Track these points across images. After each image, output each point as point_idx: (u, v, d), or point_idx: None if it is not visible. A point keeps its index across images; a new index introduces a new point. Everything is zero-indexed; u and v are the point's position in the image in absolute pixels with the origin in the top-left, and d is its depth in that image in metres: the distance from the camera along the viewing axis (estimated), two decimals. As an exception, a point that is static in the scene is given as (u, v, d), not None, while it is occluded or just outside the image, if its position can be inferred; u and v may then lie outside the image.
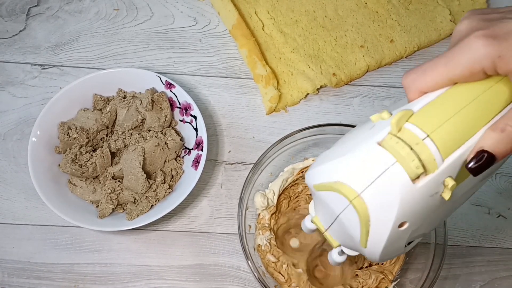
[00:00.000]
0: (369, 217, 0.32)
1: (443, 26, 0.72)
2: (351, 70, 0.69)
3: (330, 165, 0.34)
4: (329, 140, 0.60)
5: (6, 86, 0.67)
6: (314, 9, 0.72)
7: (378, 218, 0.32)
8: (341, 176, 0.33)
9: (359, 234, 0.34)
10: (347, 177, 0.33)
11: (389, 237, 0.33)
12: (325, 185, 0.34)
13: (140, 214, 0.57)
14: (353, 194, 0.32)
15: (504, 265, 0.62)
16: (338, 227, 0.36)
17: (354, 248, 0.37)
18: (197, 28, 0.72)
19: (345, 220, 0.34)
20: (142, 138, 0.61)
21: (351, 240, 0.36)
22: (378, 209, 0.32)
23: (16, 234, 0.60)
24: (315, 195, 0.37)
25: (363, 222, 0.33)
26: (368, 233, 0.33)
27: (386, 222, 0.32)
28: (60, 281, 0.59)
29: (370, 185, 0.32)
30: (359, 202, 0.32)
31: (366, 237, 0.33)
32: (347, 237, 0.36)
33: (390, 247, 0.34)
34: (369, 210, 0.32)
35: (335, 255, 0.44)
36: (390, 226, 0.32)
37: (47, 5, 0.72)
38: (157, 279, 0.59)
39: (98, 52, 0.70)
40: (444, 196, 0.32)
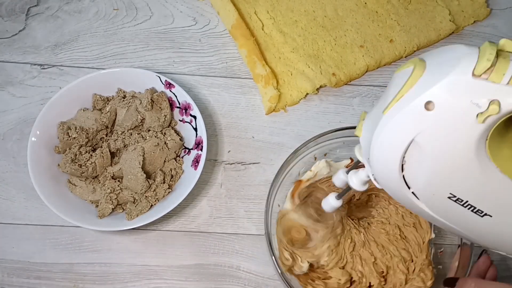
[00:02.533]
0: (414, 84, 0.33)
1: (443, 26, 0.72)
2: (350, 70, 0.69)
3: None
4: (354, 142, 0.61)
5: (6, 86, 0.67)
6: (314, 9, 0.72)
7: (419, 87, 0.32)
8: (425, 55, 0.34)
9: (391, 100, 0.34)
10: (429, 55, 0.34)
11: (410, 110, 0.32)
12: (406, 64, 0.35)
13: (139, 214, 0.57)
14: (420, 64, 0.33)
15: (504, 265, 0.62)
16: (379, 103, 0.36)
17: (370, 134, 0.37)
18: (196, 28, 0.72)
19: (392, 88, 0.34)
20: (142, 138, 0.61)
21: (376, 117, 0.35)
22: (425, 81, 0.32)
23: (16, 234, 0.60)
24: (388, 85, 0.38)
25: (406, 86, 0.33)
26: (399, 98, 0.33)
27: (420, 92, 0.32)
28: (60, 281, 0.59)
29: (438, 63, 0.32)
30: (419, 70, 0.33)
31: (395, 102, 0.33)
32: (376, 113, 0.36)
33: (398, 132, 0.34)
34: (420, 78, 0.32)
35: (333, 201, 0.47)
36: (420, 97, 0.32)
37: (46, 5, 0.72)
38: (157, 279, 0.59)
39: (98, 52, 0.70)
40: (480, 117, 0.31)
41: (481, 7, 0.74)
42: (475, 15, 0.74)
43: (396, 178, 0.36)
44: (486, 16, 0.75)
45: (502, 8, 0.76)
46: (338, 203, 0.48)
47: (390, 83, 0.37)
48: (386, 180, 0.37)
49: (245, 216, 0.62)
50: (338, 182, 0.47)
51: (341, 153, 0.62)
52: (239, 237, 0.61)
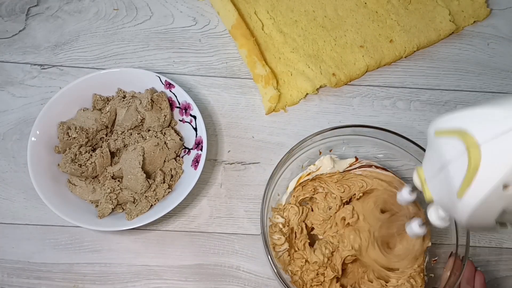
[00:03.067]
0: (478, 169, 0.33)
1: (443, 26, 0.72)
2: (350, 70, 0.69)
3: (462, 114, 0.35)
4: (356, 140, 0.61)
5: (6, 86, 0.67)
6: (314, 9, 0.72)
7: (486, 172, 0.33)
8: (469, 125, 0.34)
9: (460, 184, 0.34)
10: (475, 127, 0.33)
11: (489, 193, 0.33)
12: (447, 131, 0.35)
13: (139, 214, 0.57)
14: (473, 142, 0.33)
15: (504, 265, 0.62)
16: (442, 176, 0.37)
17: (447, 203, 0.37)
18: (196, 28, 0.72)
19: (454, 168, 0.35)
20: (142, 138, 0.61)
21: (448, 192, 0.36)
22: (490, 163, 0.32)
23: (16, 234, 0.60)
24: (430, 142, 0.38)
25: (471, 171, 0.33)
26: (469, 184, 0.33)
27: (492, 178, 0.33)
28: (60, 281, 0.59)
29: (492, 139, 0.32)
30: (475, 152, 0.33)
31: (466, 187, 0.34)
32: (446, 188, 0.36)
33: (483, 208, 0.34)
34: (482, 162, 0.32)
35: (415, 227, 0.47)
36: (494, 183, 0.32)
37: (46, 5, 0.72)
38: (157, 279, 0.59)
39: (98, 52, 0.70)
40: None
41: (481, 7, 0.74)
42: (475, 15, 0.74)
43: (490, 227, 0.38)
44: (486, 16, 0.75)
45: (502, 8, 0.76)
46: (421, 231, 0.49)
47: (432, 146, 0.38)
48: (477, 229, 0.40)
49: (245, 216, 0.62)
50: (402, 200, 0.49)
51: (347, 150, 0.63)
52: (239, 237, 0.61)
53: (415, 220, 0.49)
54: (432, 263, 0.58)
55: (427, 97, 0.70)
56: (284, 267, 0.56)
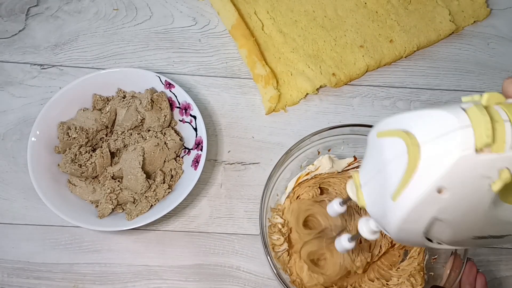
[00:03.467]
0: (416, 168, 0.32)
1: (443, 26, 0.72)
2: (350, 70, 0.69)
3: (404, 116, 0.35)
4: (353, 140, 0.61)
5: (6, 86, 0.67)
6: (314, 9, 0.72)
7: (424, 173, 0.32)
8: (411, 125, 0.34)
9: (397, 185, 0.34)
10: (414, 126, 0.33)
11: (422, 197, 0.33)
12: (389, 132, 0.35)
13: (139, 214, 0.57)
14: (413, 141, 0.33)
15: (504, 265, 0.62)
16: (378, 178, 0.36)
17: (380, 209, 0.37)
18: (196, 28, 0.72)
19: (392, 169, 0.34)
20: (142, 138, 0.61)
21: (382, 196, 0.36)
22: (428, 164, 0.32)
23: (16, 234, 0.60)
24: (370, 146, 0.38)
25: (409, 171, 0.33)
26: (406, 185, 0.33)
27: (428, 179, 0.32)
28: (60, 281, 0.59)
29: (433, 140, 0.32)
30: (415, 150, 0.32)
31: (402, 188, 0.33)
32: (381, 191, 0.36)
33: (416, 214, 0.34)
34: (420, 162, 0.32)
35: (345, 241, 0.47)
36: (430, 184, 0.32)
37: (46, 5, 0.72)
38: (157, 279, 0.59)
39: (98, 52, 0.70)
40: (493, 186, 0.31)
41: (481, 7, 0.74)
42: (475, 15, 0.74)
43: (418, 241, 0.37)
44: (486, 16, 0.75)
45: (502, 8, 0.76)
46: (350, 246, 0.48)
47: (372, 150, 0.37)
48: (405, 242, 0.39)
49: (245, 216, 0.62)
50: (332, 211, 0.48)
51: (345, 150, 0.63)
52: (239, 237, 0.61)
53: (344, 235, 0.48)
54: (432, 262, 0.58)
55: (427, 97, 0.70)
56: (283, 267, 0.56)
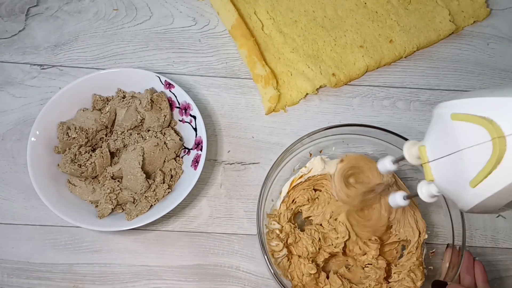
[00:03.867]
0: (502, 160, 0.32)
1: (443, 26, 0.72)
2: (350, 70, 0.69)
3: (484, 100, 0.34)
4: (352, 140, 0.61)
5: (5, 86, 0.67)
6: (314, 9, 0.72)
7: (508, 166, 0.32)
8: (493, 113, 0.33)
9: (477, 173, 0.33)
10: (502, 116, 0.33)
11: (504, 188, 0.33)
12: (469, 117, 0.34)
13: (139, 214, 0.57)
14: (499, 132, 0.32)
15: (503, 265, 0.62)
16: (452, 160, 0.36)
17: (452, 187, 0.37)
18: (196, 28, 0.72)
19: (470, 155, 0.34)
20: (142, 138, 0.61)
21: (457, 177, 0.35)
22: None
23: (15, 234, 0.60)
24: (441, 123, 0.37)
25: (493, 162, 0.32)
26: (488, 174, 0.33)
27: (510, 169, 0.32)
28: (60, 281, 0.59)
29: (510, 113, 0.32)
30: (501, 142, 0.32)
31: (484, 178, 0.33)
32: (455, 173, 0.35)
33: (494, 199, 0.34)
34: (507, 153, 0.32)
35: (399, 198, 0.47)
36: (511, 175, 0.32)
37: (46, 5, 0.72)
38: (157, 279, 0.59)
39: (97, 52, 0.70)
40: None
41: (481, 7, 0.74)
42: (475, 15, 0.74)
43: (490, 212, 0.39)
44: (486, 16, 0.75)
45: (502, 8, 0.76)
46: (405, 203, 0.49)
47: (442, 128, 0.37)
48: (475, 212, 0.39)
49: (244, 216, 0.62)
50: (382, 168, 0.49)
51: (337, 150, 0.63)
52: (239, 237, 0.61)
53: (399, 192, 0.49)
54: (430, 256, 0.58)
55: (427, 97, 0.70)
56: (284, 273, 0.56)
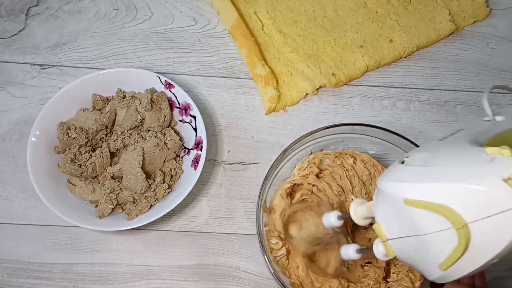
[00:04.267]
0: (468, 247, 0.32)
1: (443, 26, 0.72)
2: (350, 70, 0.69)
3: (437, 187, 0.34)
4: (352, 139, 0.61)
5: (5, 86, 0.67)
6: (314, 9, 0.72)
7: (477, 251, 0.32)
8: (451, 201, 0.33)
9: (445, 258, 0.33)
10: (459, 204, 0.32)
11: (477, 269, 0.33)
12: (425, 204, 0.34)
13: (139, 214, 0.57)
14: (461, 222, 0.32)
15: (503, 265, 0.62)
16: (414, 242, 0.36)
17: (418, 265, 0.37)
18: (196, 28, 0.72)
19: (434, 241, 0.34)
20: (142, 138, 0.61)
21: (423, 257, 0.35)
22: (481, 243, 0.32)
23: (16, 234, 0.60)
24: (392, 204, 0.37)
25: (460, 250, 0.32)
26: (457, 260, 0.33)
27: (483, 256, 0.32)
28: (60, 281, 0.59)
29: (483, 219, 0.32)
30: (465, 231, 0.32)
31: (452, 263, 0.33)
32: (421, 253, 0.35)
33: (463, 275, 0.34)
34: (472, 241, 0.32)
35: (352, 252, 0.47)
36: (486, 260, 0.32)
37: (46, 5, 0.72)
38: (157, 279, 0.59)
39: (98, 52, 0.70)
40: None
41: (481, 7, 0.74)
42: (475, 15, 0.74)
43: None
44: (486, 16, 0.75)
45: (502, 8, 0.76)
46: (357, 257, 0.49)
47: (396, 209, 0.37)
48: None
49: (244, 216, 0.62)
50: (326, 223, 0.49)
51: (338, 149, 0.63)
52: (239, 237, 0.61)
53: (352, 245, 0.48)
54: None
55: (426, 97, 0.70)
56: (283, 270, 0.56)
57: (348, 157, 0.61)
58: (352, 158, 0.61)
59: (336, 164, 0.60)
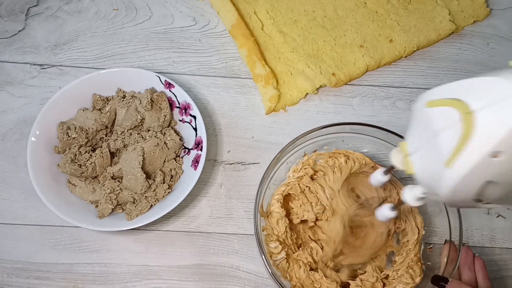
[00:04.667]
0: (471, 135, 0.33)
1: (442, 26, 0.72)
2: (350, 70, 0.69)
3: (451, 85, 0.35)
4: (352, 139, 0.62)
5: (5, 86, 0.67)
6: (314, 9, 0.72)
7: (479, 139, 0.32)
8: (461, 94, 0.34)
9: (450, 153, 0.34)
10: (468, 95, 0.33)
11: (478, 163, 0.33)
12: (440, 101, 0.35)
13: (139, 214, 0.57)
14: (467, 110, 0.33)
15: (503, 264, 0.62)
16: (429, 147, 0.36)
17: (431, 175, 0.37)
18: (196, 28, 0.72)
19: (444, 137, 0.35)
20: (142, 138, 0.61)
21: (434, 163, 0.36)
22: (483, 131, 0.32)
23: (16, 234, 0.60)
24: (419, 115, 0.38)
25: (464, 138, 0.33)
26: (460, 152, 0.33)
27: (484, 145, 0.32)
28: (60, 281, 0.59)
29: (488, 106, 0.32)
30: (469, 118, 0.33)
31: (457, 155, 0.33)
32: (433, 159, 0.36)
33: (470, 178, 0.34)
34: (475, 128, 0.32)
35: (387, 210, 0.48)
36: (486, 150, 0.32)
37: (46, 5, 0.72)
38: (157, 279, 0.59)
39: (97, 52, 0.70)
40: None
41: (481, 7, 0.74)
42: (475, 15, 0.74)
43: (467, 203, 0.37)
44: (486, 16, 0.75)
45: (502, 8, 0.76)
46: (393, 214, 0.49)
47: (419, 120, 0.37)
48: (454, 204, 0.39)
49: (244, 216, 0.62)
50: (375, 181, 0.50)
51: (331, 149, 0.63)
52: (239, 237, 0.61)
53: (386, 204, 0.50)
54: (428, 251, 0.59)
55: (427, 97, 0.70)
56: (283, 274, 0.56)
57: (341, 156, 0.61)
58: (345, 157, 0.61)
59: (328, 165, 0.61)
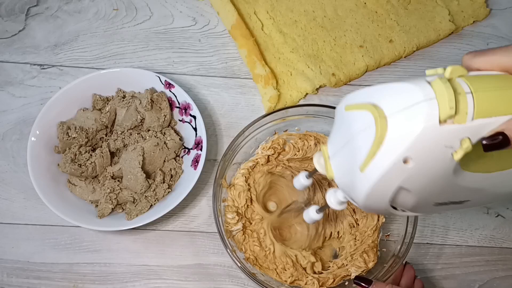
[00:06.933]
0: (384, 139, 0.33)
1: (442, 26, 0.72)
2: (350, 70, 0.69)
3: (371, 90, 0.36)
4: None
5: (5, 86, 0.67)
6: (313, 9, 0.72)
7: (391, 144, 0.33)
8: (378, 99, 0.35)
9: (365, 157, 0.35)
10: (383, 100, 0.34)
11: (389, 167, 0.34)
12: (358, 105, 0.36)
13: (139, 214, 0.57)
14: (380, 114, 0.34)
15: (503, 264, 0.62)
16: (347, 150, 0.37)
17: (348, 178, 0.38)
18: (196, 28, 0.72)
19: (360, 140, 0.35)
20: (142, 138, 0.61)
21: (350, 166, 0.36)
22: (395, 135, 0.33)
23: (15, 234, 0.60)
24: (339, 119, 0.39)
25: (377, 143, 0.34)
26: (373, 155, 0.34)
27: (395, 150, 0.33)
28: (59, 281, 0.59)
29: (399, 112, 0.33)
30: (383, 123, 0.33)
31: (370, 160, 0.34)
32: (349, 163, 0.37)
33: (383, 183, 0.35)
34: (388, 133, 0.33)
35: (313, 212, 0.49)
36: (396, 155, 0.33)
37: (46, 5, 0.72)
38: (156, 279, 0.59)
39: (97, 52, 0.70)
40: (455, 156, 0.33)
41: (481, 7, 0.74)
42: (475, 15, 0.74)
43: (383, 209, 0.38)
44: (486, 16, 0.75)
45: (502, 8, 0.76)
46: (319, 217, 0.50)
47: (341, 123, 0.38)
48: (371, 210, 0.40)
49: (244, 216, 0.62)
50: (298, 185, 0.50)
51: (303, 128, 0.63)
52: (239, 237, 0.61)
53: (312, 207, 0.50)
54: (385, 238, 0.60)
55: (426, 97, 0.70)
56: (238, 246, 0.57)
57: (311, 139, 0.62)
58: (315, 140, 0.62)
59: (298, 146, 0.61)
